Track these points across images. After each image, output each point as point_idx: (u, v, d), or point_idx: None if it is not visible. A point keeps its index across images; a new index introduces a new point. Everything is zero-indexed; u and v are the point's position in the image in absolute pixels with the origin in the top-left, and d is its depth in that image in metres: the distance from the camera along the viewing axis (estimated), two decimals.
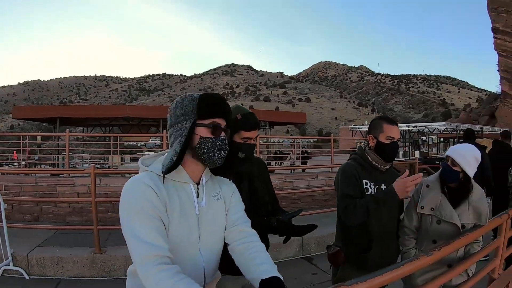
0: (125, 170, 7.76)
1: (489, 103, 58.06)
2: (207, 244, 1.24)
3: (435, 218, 2.17)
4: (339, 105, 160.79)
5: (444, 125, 24.00)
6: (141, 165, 1.25)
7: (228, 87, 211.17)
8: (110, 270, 4.11)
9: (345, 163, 2.20)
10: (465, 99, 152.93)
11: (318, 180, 8.27)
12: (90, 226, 4.29)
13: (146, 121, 15.95)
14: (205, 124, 1.21)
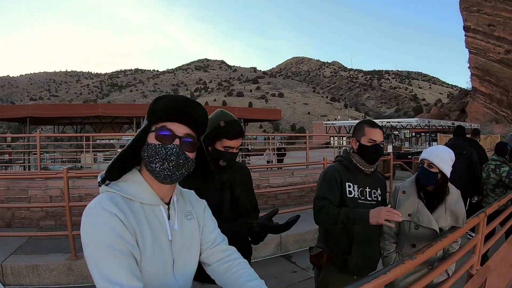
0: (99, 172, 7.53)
1: (460, 99, 60.38)
2: (182, 268, 1.11)
3: (413, 224, 2.20)
4: (312, 100, 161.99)
5: (417, 121, 24.70)
6: (99, 183, 1.06)
7: (201, 83, 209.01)
8: (87, 276, 3.97)
9: (328, 166, 2.25)
10: (436, 95, 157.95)
11: (294, 177, 8.30)
12: (64, 232, 4.13)
13: (119, 119, 15.56)
14: (153, 128, 1.04)
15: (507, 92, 43.67)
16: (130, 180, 1.07)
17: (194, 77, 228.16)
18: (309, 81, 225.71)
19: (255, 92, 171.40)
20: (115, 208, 0.97)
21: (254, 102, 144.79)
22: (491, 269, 2.56)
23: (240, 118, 16.13)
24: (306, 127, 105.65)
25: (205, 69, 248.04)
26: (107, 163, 5.02)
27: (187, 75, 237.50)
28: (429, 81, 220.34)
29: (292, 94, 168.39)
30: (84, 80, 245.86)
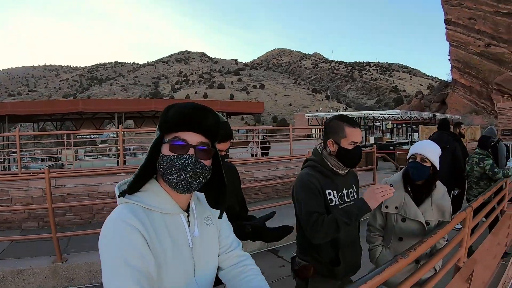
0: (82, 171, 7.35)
1: (440, 90, 61.54)
2: (203, 274, 1.12)
3: (399, 217, 2.23)
4: (293, 91, 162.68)
5: (399, 113, 25.04)
6: (118, 193, 1.05)
7: (182, 75, 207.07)
8: (74, 279, 3.91)
9: (304, 174, 1.95)
10: (417, 86, 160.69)
11: (278, 170, 8.33)
12: (48, 235, 4.00)
13: (100, 115, 15.20)
14: (166, 139, 1.02)
15: (486, 84, 44.80)
16: (149, 190, 1.06)
17: (175, 70, 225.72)
18: (291, 73, 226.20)
19: (237, 84, 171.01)
20: (136, 221, 0.97)
21: (235, 94, 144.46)
22: (477, 261, 2.61)
23: (223, 112, 16.08)
24: (288, 119, 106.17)
25: (186, 61, 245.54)
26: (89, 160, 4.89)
27: (168, 67, 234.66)
28: (410, 72, 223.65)
29: (274, 86, 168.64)
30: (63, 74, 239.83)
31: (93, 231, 4.21)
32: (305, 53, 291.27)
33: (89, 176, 6.33)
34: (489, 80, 43.91)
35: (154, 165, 1.05)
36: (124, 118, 14.05)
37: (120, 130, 7.61)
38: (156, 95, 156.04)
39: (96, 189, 6.33)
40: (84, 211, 6.17)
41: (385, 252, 2.32)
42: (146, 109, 14.28)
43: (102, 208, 6.25)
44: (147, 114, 15.87)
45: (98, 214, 6.26)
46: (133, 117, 16.50)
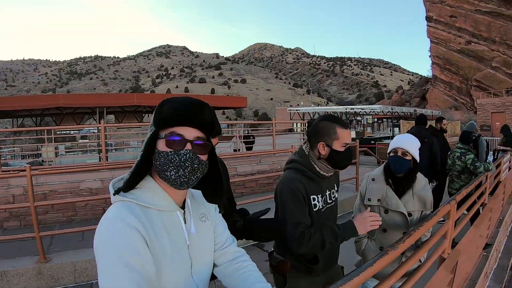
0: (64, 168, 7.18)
1: (421, 86, 62.70)
2: (200, 271, 1.11)
3: (382, 208, 2.29)
4: (274, 86, 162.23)
5: (380, 107, 25.39)
6: (113, 191, 1.02)
7: (163, 69, 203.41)
8: (59, 278, 3.81)
9: (290, 178, 1.85)
10: (397, 82, 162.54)
11: (262, 165, 8.38)
12: (31, 234, 3.88)
13: (81, 110, 14.89)
14: (162, 135, 1.00)
15: (466, 80, 45.89)
16: (144, 187, 1.04)
17: (155, 64, 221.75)
18: (272, 67, 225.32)
19: (218, 78, 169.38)
20: (134, 219, 0.94)
21: (216, 88, 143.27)
22: (461, 252, 2.67)
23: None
24: (269, 113, 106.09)
25: (167, 55, 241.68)
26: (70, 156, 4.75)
27: (149, 61, 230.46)
28: (391, 68, 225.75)
29: (255, 80, 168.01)
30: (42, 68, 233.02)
31: (76, 230, 4.13)
32: (286, 48, 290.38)
33: (71, 173, 6.18)
34: (469, 76, 44.99)
35: (150, 161, 1.02)
36: (106, 113, 13.76)
37: (102, 125, 7.43)
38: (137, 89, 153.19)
39: (78, 186, 6.21)
40: (67, 209, 6.04)
41: (370, 244, 2.39)
42: (128, 104, 13.98)
43: (85, 205, 6.14)
44: (128, 108, 15.59)
45: (80, 212, 6.14)
46: (114, 111, 16.18)
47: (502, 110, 26.21)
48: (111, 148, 10.43)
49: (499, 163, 5.13)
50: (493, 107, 27.20)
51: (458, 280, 2.68)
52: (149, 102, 14.53)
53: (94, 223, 5.84)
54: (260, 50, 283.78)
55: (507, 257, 4.36)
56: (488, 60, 42.85)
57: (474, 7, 43.72)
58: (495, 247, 4.04)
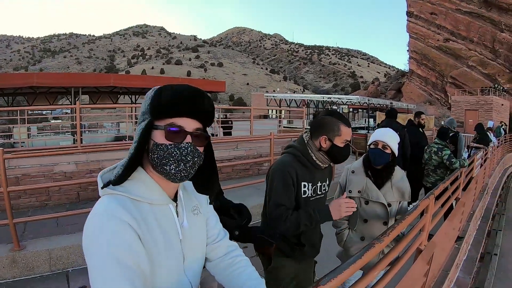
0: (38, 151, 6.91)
1: (397, 79, 63.91)
2: (192, 265, 1.07)
3: (363, 200, 2.36)
4: (251, 71, 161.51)
5: (358, 98, 25.72)
6: (102, 183, 0.96)
7: (139, 49, 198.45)
8: (34, 267, 3.65)
9: (284, 161, 1.94)
10: (374, 73, 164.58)
11: (238, 150, 8.38)
12: (4, 221, 3.66)
13: (55, 89, 14.20)
14: (159, 126, 0.94)
15: (442, 77, 47.18)
16: (136, 179, 0.98)
17: (131, 43, 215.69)
18: (250, 52, 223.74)
19: (195, 60, 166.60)
20: (126, 214, 0.89)
21: (192, 71, 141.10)
22: (437, 244, 2.77)
23: None
24: (245, 98, 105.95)
25: (143, 35, 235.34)
26: (42, 138, 4.50)
27: (125, 41, 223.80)
28: (368, 59, 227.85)
29: (232, 65, 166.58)
30: (14, 45, 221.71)
31: (51, 216, 3.99)
32: (265, 33, 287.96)
33: (44, 156, 5.94)
34: (445, 73, 46.25)
35: (142, 152, 0.97)
36: (81, 93, 13.29)
37: (77, 106, 7.12)
38: (112, 69, 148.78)
39: (52, 169, 6.00)
40: (40, 193, 5.82)
41: (352, 235, 2.45)
42: (105, 84, 13.48)
43: (58, 189, 5.94)
44: (104, 89, 15.07)
45: (54, 196, 5.95)
46: (89, 92, 15.57)
47: (476, 108, 27.13)
48: (85, 129, 10.14)
49: (473, 160, 5.31)
50: (467, 104, 28.11)
51: (433, 271, 2.79)
52: (126, 84, 14.15)
53: (68, 208, 5.70)
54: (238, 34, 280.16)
55: (476, 250, 4.57)
56: (465, 58, 44.13)
57: (455, 6, 44.71)
58: (466, 239, 4.21)
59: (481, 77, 42.05)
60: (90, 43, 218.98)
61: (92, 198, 6.12)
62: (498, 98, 28.54)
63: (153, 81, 15.48)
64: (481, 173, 6.07)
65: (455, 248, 3.86)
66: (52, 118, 16.22)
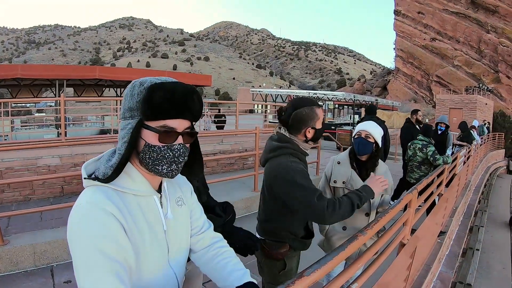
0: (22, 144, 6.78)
1: (383, 77, 64.62)
2: (176, 256, 1.08)
3: (346, 190, 2.38)
4: (238, 65, 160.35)
5: (343, 95, 25.89)
6: (86, 175, 0.96)
7: (125, 42, 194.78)
8: (18, 262, 3.58)
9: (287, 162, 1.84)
10: (360, 70, 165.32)
11: (224, 145, 8.34)
12: None
13: (40, 81, 13.97)
14: (152, 127, 0.92)
15: (427, 75, 47.94)
16: (122, 172, 0.96)
17: (117, 36, 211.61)
18: (236, 47, 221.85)
19: (181, 54, 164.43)
20: (111, 205, 0.88)
21: (179, 64, 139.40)
22: (419, 238, 2.82)
23: None
24: (231, 93, 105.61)
25: (129, 27, 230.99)
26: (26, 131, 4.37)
27: (111, 33, 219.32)
28: (354, 56, 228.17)
29: (218, 59, 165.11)
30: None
31: (35, 210, 3.91)
32: (252, 28, 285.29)
33: (28, 149, 5.81)
34: (431, 72, 47.03)
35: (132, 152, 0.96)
36: (65, 85, 13.03)
37: (62, 99, 6.98)
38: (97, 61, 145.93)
39: (36, 163, 5.87)
40: (24, 187, 5.70)
41: (334, 224, 2.48)
42: (90, 77, 13.26)
43: (42, 183, 5.84)
44: (89, 82, 14.84)
45: (38, 190, 5.84)
46: (74, 84, 15.34)
47: (460, 107, 27.57)
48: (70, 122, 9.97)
49: (456, 157, 5.42)
50: (452, 103, 28.52)
51: (416, 264, 2.85)
52: (111, 76, 13.93)
53: (52, 202, 5.61)
54: (225, 28, 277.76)
55: (458, 245, 4.68)
56: (450, 58, 44.95)
57: (442, 6, 45.43)
58: (448, 235, 4.31)
59: (466, 77, 42.90)
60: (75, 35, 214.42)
61: (76, 192, 6.04)
62: (482, 97, 29.07)
63: (139, 74, 15.27)
64: (464, 170, 6.21)
65: (437, 243, 3.94)
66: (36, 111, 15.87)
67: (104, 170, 0.94)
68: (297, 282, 1.04)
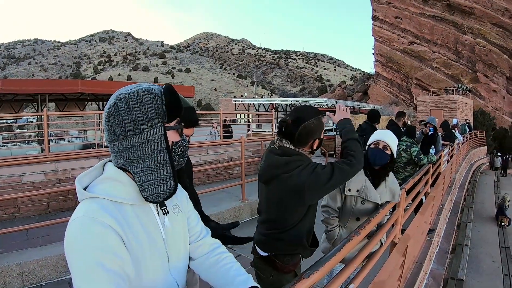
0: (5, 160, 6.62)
1: (363, 82, 65.76)
2: (177, 264, 1.07)
3: (360, 199, 2.37)
4: (219, 76, 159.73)
5: (325, 101, 26.25)
6: (81, 188, 0.94)
7: (106, 55, 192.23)
8: (6, 282, 3.46)
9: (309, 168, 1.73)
10: (340, 77, 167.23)
11: (209, 155, 8.34)
12: None
13: (21, 96, 13.60)
14: (173, 126, 1.00)
15: (407, 78, 49.04)
16: (116, 181, 0.97)
17: (98, 50, 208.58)
18: (217, 58, 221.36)
19: (162, 67, 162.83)
20: (108, 217, 0.88)
21: (160, 77, 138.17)
22: (410, 237, 2.87)
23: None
24: (212, 104, 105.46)
25: (110, 41, 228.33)
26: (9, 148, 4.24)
27: (91, 47, 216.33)
28: (334, 63, 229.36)
29: (199, 70, 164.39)
30: None
31: (21, 228, 3.82)
32: (232, 39, 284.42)
33: (11, 166, 5.67)
34: (410, 75, 48.16)
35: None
36: (48, 100, 12.79)
37: (45, 114, 6.85)
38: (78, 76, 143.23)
39: (20, 180, 5.74)
40: (8, 205, 5.53)
41: (342, 232, 2.45)
42: (73, 91, 12.98)
43: (27, 200, 5.69)
44: (71, 96, 14.57)
45: (23, 208, 5.69)
46: (56, 99, 15.01)
47: (441, 108, 28.21)
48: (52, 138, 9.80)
49: (440, 156, 5.54)
50: (432, 104, 29.18)
51: (408, 262, 2.89)
52: (94, 90, 13.72)
53: (38, 219, 5.47)
54: (206, 39, 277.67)
55: (448, 242, 4.77)
56: (429, 60, 46.17)
57: (419, 10, 46.77)
58: (437, 232, 4.39)
59: (445, 78, 44.05)
60: (55, 49, 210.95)
61: (62, 209, 5.91)
62: (462, 97, 29.83)
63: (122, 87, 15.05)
64: (448, 168, 6.34)
65: (427, 241, 4.01)
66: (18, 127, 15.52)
67: (158, 191, 0.98)
68: (297, 285, 1.06)
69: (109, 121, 0.93)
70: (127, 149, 0.94)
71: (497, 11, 41.43)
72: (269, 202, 1.90)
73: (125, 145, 0.94)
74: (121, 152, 0.94)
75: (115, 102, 0.94)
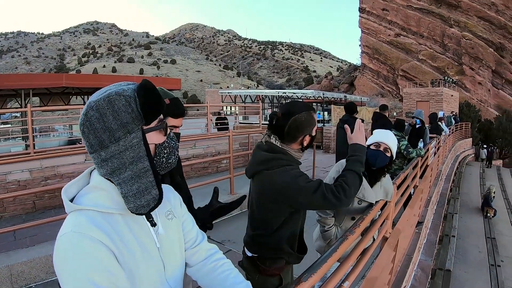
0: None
1: (349, 73, 66.11)
2: (173, 272, 1.03)
3: (356, 199, 2.35)
4: (204, 67, 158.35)
5: (312, 92, 26.10)
6: (67, 199, 0.89)
7: (90, 47, 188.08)
8: None
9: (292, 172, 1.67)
10: (327, 68, 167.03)
11: (196, 149, 8.31)
12: None
13: (4, 91, 13.19)
14: (154, 127, 0.92)
15: (393, 70, 49.51)
16: (103, 190, 0.92)
17: (82, 41, 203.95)
18: (203, 49, 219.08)
19: (147, 58, 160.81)
20: (98, 232, 0.83)
21: (145, 68, 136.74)
22: (400, 230, 2.91)
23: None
24: (198, 95, 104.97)
25: (94, 32, 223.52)
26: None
27: (75, 38, 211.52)
28: (321, 54, 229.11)
29: (185, 61, 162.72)
30: None
31: (8, 229, 3.74)
32: (218, 29, 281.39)
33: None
34: (396, 66, 48.63)
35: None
36: (32, 95, 12.48)
37: (29, 109, 6.66)
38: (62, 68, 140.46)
39: (5, 179, 5.62)
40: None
41: (338, 232, 2.45)
42: (57, 85, 12.62)
43: (13, 200, 5.58)
44: (56, 90, 14.18)
45: (9, 207, 5.58)
46: (40, 93, 14.58)
47: (427, 100, 28.59)
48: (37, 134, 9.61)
49: (427, 149, 5.61)
50: (419, 96, 29.55)
51: (399, 256, 2.94)
52: (79, 84, 13.42)
53: (25, 219, 5.38)
54: (191, 30, 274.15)
55: (435, 233, 4.86)
56: (415, 52, 46.68)
57: (406, 3, 47.14)
58: (425, 224, 4.47)
59: (431, 70, 44.65)
60: (39, 41, 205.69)
61: (49, 207, 5.83)
62: (448, 89, 30.27)
63: (107, 80, 14.83)
64: (435, 160, 6.44)
65: (416, 233, 4.08)
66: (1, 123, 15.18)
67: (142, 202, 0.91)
68: None
69: (84, 132, 0.87)
70: (107, 160, 0.88)
71: (483, 5, 42.06)
72: (252, 199, 1.89)
73: (103, 156, 0.88)
74: (102, 163, 0.89)
75: (86, 111, 0.87)
